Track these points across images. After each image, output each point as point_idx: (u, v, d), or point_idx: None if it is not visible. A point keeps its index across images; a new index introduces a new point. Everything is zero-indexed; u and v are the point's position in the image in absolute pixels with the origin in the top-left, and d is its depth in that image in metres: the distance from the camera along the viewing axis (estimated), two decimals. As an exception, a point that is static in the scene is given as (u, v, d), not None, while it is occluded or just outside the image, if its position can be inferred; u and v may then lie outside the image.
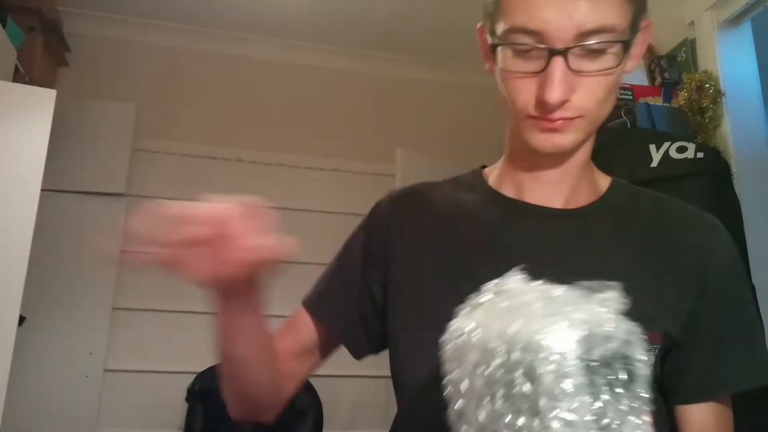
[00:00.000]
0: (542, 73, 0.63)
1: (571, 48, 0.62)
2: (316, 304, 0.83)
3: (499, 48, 0.66)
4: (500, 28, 0.65)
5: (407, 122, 3.35)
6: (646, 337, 0.68)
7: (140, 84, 3.09)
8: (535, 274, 0.56)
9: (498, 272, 0.72)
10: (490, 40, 0.69)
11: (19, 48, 2.37)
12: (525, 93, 0.66)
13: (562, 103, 0.64)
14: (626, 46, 0.64)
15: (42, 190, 2.01)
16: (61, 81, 2.96)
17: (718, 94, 1.77)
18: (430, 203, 0.81)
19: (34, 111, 2.06)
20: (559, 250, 0.72)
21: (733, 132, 1.76)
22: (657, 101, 1.83)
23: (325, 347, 0.83)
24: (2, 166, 1.98)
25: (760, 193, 1.76)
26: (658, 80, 1.93)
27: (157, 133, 3.04)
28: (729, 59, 1.85)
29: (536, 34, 0.62)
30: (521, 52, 0.65)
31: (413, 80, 3.44)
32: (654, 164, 1.60)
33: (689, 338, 0.71)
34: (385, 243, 0.80)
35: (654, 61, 1.98)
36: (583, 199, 0.76)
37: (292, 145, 3.21)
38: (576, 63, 0.63)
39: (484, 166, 0.85)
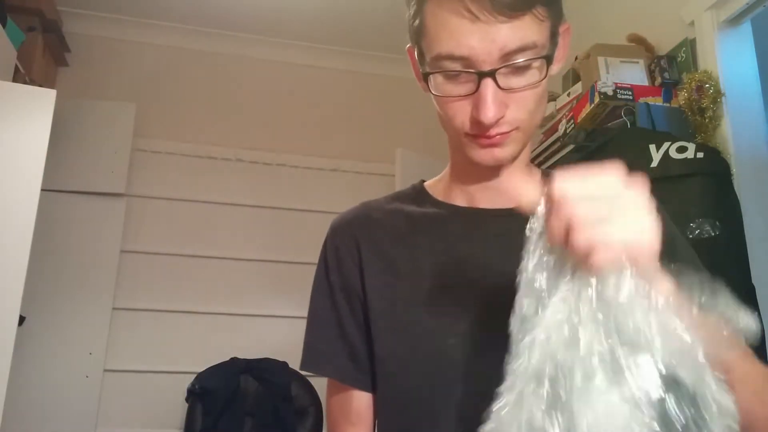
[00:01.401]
0: (474, 94, 0.67)
1: (498, 69, 0.65)
2: (358, 376, 0.79)
3: (431, 75, 0.70)
4: (428, 55, 0.69)
5: (407, 122, 3.35)
6: None
7: (140, 84, 3.09)
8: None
9: (472, 280, 0.73)
10: (420, 66, 0.73)
11: (19, 48, 2.37)
12: (461, 114, 0.70)
13: (497, 121, 0.67)
14: (549, 60, 0.68)
15: (42, 190, 2.01)
16: (61, 81, 2.96)
17: (718, 94, 1.77)
18: (381, 222, 0.81)
19: (34, 111, 2.05)
20: (522, 245, 0.73)
21: (733, 132, 1.76)
22: (657, 101, 1.83)
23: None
24: (2, 166, 1.98)
25: (760, 193, 1.75)
26: (658, 80, 1.93)
27: (157, 133, 3.04)
28: (729, 59, 1.85)
29: (464, 60, 0.66)
30: (452, 77, 0.68)
31: (413, 80, 3.41)
32: (654, 164, 1.60)
33: None
34: (352, 269, 0.79)
35: (654, 61, 1.98)
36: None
37: (292, 145, 3.21)
38: (504, 81, 0.66)
39: (423, 181, 0.86)
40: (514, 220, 0.75)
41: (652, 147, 1.62)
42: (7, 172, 1.98)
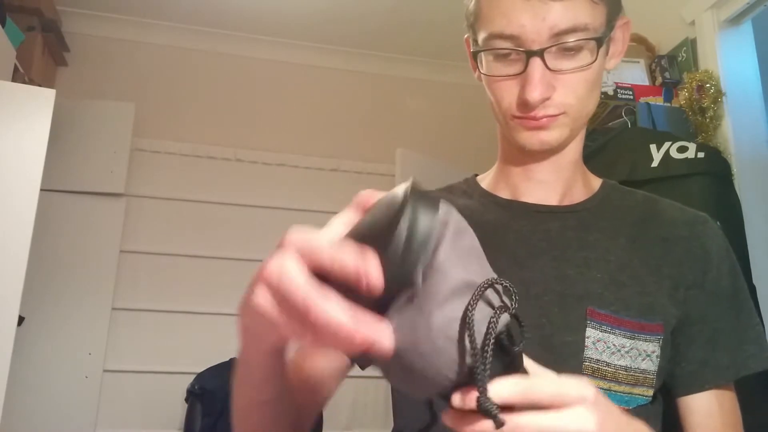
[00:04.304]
0: (523, 74, 0.67)
1: (546, 48, 0.65)
2: None
3: (482, 54, 0.70)
4: (481, 36, 0.70)
5: (407, 122, 3.35)
6: (649, 327, 0.69)
7: (140, 84, 3.09)
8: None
9: (500, 270, 0.72)
10: (473, 48, 0.73)
11: (18, 48, 2.37)
12: (508, 95, 0.70)
13: (543, 101, 0.67)
14: (599, 42, 0.67)
15: (41, 190, 2.01)
16: (60, 81, 2.96)
17: (718, 93, 1.77)
18: None
19: (33, 111, 2.05)
20: (558, 244, 0.73)
21: (734, 132, 1.76)
22: (658, 101, 1.82)
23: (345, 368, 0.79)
24: (1, 166, 1.97)
25: (760, 193, 1.75)
26: (659, 80, 1.93)
27: (156, 133, 3.04)
28: (730, 59, 1.85)
29: (514, 39, 0.66)
30: (501, 57, 0.69)
31: (413, 80, 3.43)
32: (655, 164, 1.60)
33: (686, 328, 0.73)
34: None
35: (655, 60, 1.97)
36: (577, 196, 0.78)
37: (292, 145, 3.21)
38: (553, 62, 0.66)
39: (476, 174, 0.87)
40: (555, 218, 0.75)
41: (653, 147, 1.62)
42: (7, 172, 1.97)
